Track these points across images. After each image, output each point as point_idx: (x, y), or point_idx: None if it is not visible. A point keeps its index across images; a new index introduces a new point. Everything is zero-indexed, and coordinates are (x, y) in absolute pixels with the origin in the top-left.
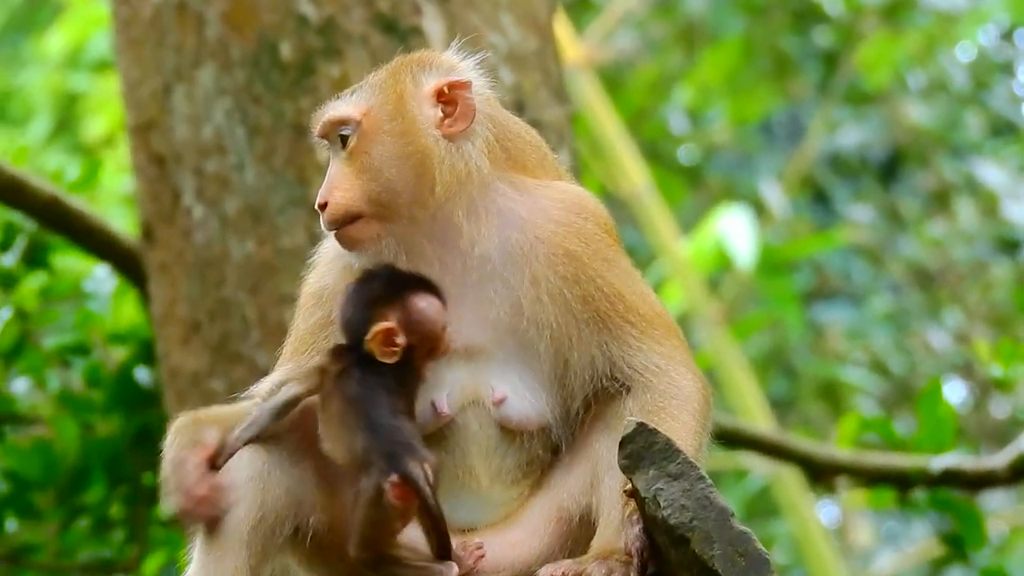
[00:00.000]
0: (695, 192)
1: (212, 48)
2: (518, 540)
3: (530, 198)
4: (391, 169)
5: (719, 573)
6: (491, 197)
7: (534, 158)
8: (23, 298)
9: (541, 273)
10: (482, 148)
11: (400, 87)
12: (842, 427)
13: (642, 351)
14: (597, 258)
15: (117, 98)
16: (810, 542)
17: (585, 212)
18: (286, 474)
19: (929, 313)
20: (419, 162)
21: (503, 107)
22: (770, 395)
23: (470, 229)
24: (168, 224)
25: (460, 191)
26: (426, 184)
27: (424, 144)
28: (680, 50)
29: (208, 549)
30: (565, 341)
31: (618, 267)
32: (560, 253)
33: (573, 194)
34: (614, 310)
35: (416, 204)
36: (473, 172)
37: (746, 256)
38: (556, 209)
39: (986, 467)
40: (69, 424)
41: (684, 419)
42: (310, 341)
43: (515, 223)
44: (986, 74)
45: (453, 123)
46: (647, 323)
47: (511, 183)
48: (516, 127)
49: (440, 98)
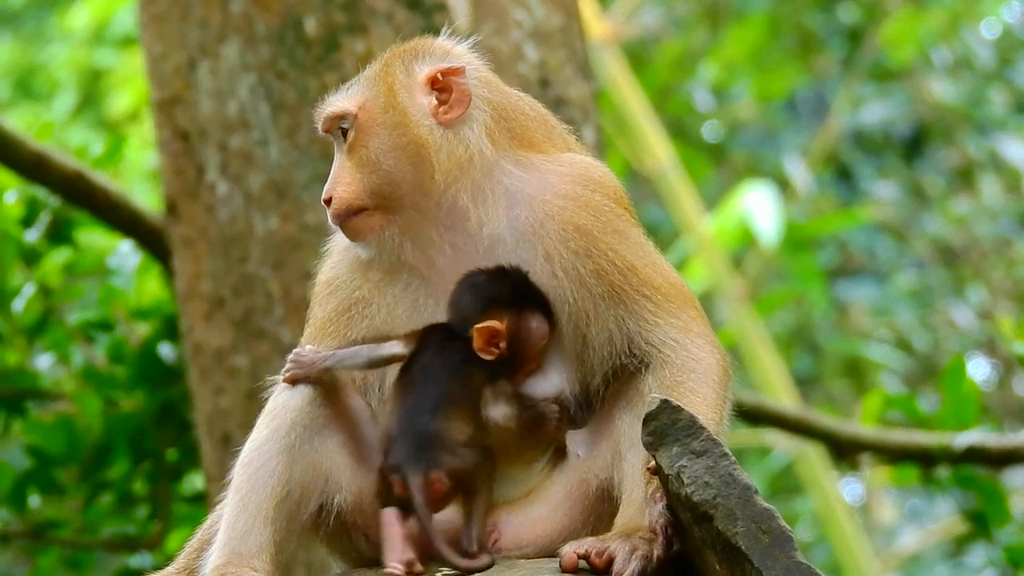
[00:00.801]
0: (719, 169)
1: (237, 23)
2: (540, 516)
3: (537, 174)
4: (388, 161)
5: (742, 550)
6: (496, 178)
7: (540, 133)
8: (47, 274)
9: (553, 249)
10: (481, 131)
11: (391, 79)
12: (866, 404)
13: (659, 325)
14: (608, 231)
15: (141, 74)
16: (834, 519)
17: (592, 184)
18: (314, 450)
19: (953, 290)
20: (415, 152)
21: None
22: (794, 372)
23: (477, 211)
24: (192, 200)
25: (462, 176)
26: (425, 173)
27: (418, 134)
28: (705, 27)
29: (233, 525)
30: (583, 317)
31: (629, 239)
32: (570, 228)
33: (581, 166)
34: (628, 283)
35: (418, 193)
36: (474, 156)
37: (770, 233)
38: (563, 183)
39: (1010, 444)
40: (92, 400)
41: (704, 392)
42: (328, 328)
43: (523, 201)
44: (1010, 51)
45: (449, 110)
46: (662, 295)
47: (516, 162)
48: (519, 103)
49: (434, 86)
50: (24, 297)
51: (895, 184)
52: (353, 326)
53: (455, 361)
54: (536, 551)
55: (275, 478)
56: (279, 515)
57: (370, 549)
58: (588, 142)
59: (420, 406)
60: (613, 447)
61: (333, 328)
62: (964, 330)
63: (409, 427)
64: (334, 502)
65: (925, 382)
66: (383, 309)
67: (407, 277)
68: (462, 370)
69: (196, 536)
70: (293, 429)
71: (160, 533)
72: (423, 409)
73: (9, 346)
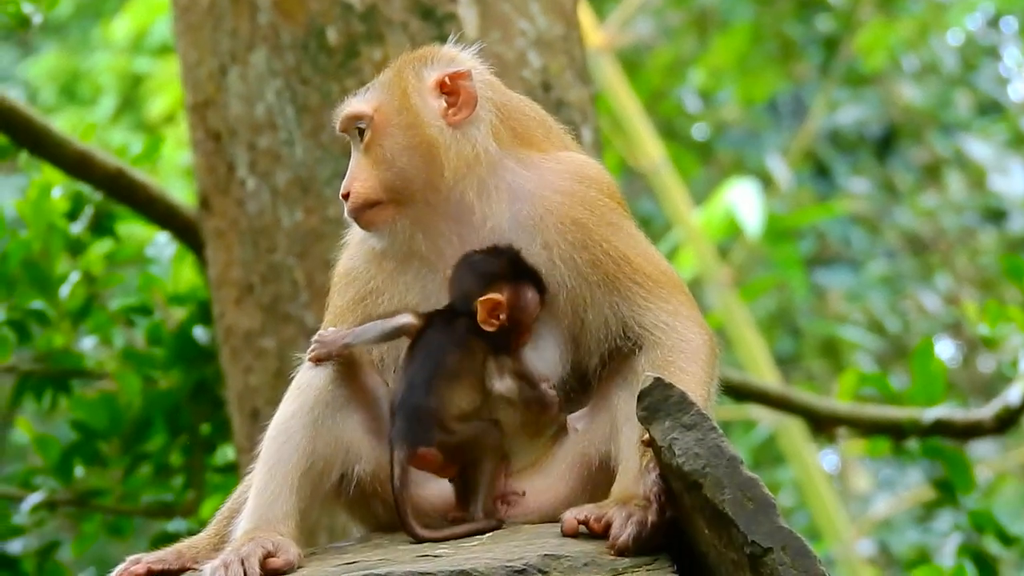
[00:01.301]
0: (707, 166)
1: (264, 33)
2: (546, 487)
3: (536, 172)
4: (402, 159)
5: (729, 516)
6: (500, 175)
7: (539, 133)
8: (90, 263)
9: (552, 240)
10: (487, 131)
11: (404, 83)
12: (842, 382)
13: (650, 310)
14: (602, 224)
15: (177, 79)
16: (812, 487)
17: (588, 180)
18: (337, 424)
19: (922, 277)
20: (427, 151)
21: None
22: (776, 352)
23: (482, 206)
24: (223, 195)
25: (469, 173)
26: (436, 170)
27: (429, 134)
28: (693, 35)
29: (261, 494)
30: (580, 302)
31: (622, 231)
32: (568, 222)
33: (577, 163)
34: (621, 272)
35: (429, 189)
36: (481, 154)
37: (754, 225)
38: (561, 180)
39: (974, 418)
40: (132, 378)
41: (693, 371)
42: (346, 316)
43: (524, 197)
44: (974, 57)
45: (457, 112)
46: (653, 282)
47: (518, 160)
48: (520, 105)
49: (443, 89)
50: (69, 284)
51: (868, 180)
52: (368, 314)
53: (458, 335)
54: (540, 518)
55: (300, 451)
56: (304, 485)
57: (387, 515)
58: (587, 141)
59: (418, 381)
60: (610, 421)
61: (351, 316)
62: (932, 314)
63: (406, 402)
64: (354, 472)
65: (896, 361)
66: (395, 297)
67: (417, 267)
68: (465, 343)
69: (226, 505)
70: (317, 406)
71: (195, 500)
72: (421, 383)
73: (56, 329)
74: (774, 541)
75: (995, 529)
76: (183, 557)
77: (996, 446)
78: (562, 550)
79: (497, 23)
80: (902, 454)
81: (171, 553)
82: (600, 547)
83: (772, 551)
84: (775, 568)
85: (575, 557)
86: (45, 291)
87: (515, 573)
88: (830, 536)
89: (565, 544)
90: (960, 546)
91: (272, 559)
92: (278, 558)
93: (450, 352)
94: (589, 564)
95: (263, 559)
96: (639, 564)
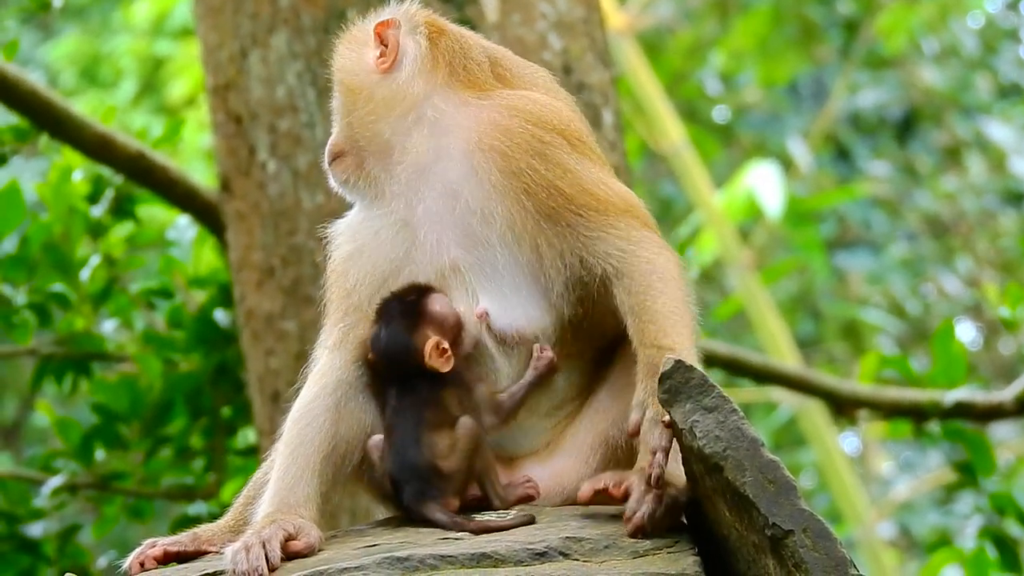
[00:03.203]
0: (728, 148)
1: (285, 15)
2: (565, 468)
3: (468, 108)
4: (347, 108)
5: (750, 498)
6: (423, 112)
7: (481, 75)
8: (111, 246)
9: (481, 168)
10: (411, 74)
11: (350, 38)
12: (863, 364)
13: (600, 238)
14: (529, 153)
15: (198, 62)
16: (833, 470)
17: (521, 113)
18: (359, 405)
19: (942, 260)
20: (363, 99)
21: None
22: (797, 335)
23: (400, 141)
24: (244, 177)
25: (389, 113)
26: (371, 116)
27: (361, 82)
28: (714, 18)
29: (282, 477)
30: (527, 236)
31: (552, 162)
32: (489, 150)
33: (515, 99)
34: (554, 202)
35: (370, 135)
36: (405, 96)
37: (775, 207)
38: (490, 114)
39: (995, 401)
40: (153, 361)
41: (672, 292)
42: (351, 302)
43: (450, 130)
44: (994, 40)
45: (384, 60)
46: (594, 211)
47: (448, 99)
48: (466, 51)
49: (380, 40)
50: (90, 267)
51: (889, 163)
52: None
53: (421, 392)
54: (563, 500)
55: (321, 434)
56: (325, 468)
57: None
58: (608, 124)
59: (405, 446)
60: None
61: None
62: (953, 296)
63: (404, 468)
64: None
65: (917, 344)
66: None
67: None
68: (431, 397)
69: (245, 490)
70: (339, 387)
71: (216, 483)
72: (409, 447)
73: (77, 312)
74: (795, 523)
75: (1016, 511)
76: (200, 540)
77: (1017, 428)
78: (583, 532)
79: (518, 5)
80: (923, 436)
81: (188, 536)
82: (621, 529)
83: (793, 533)
84: (796, 550)
85: (596, 540)
86: (66, 274)
87: (536, 556)
88: (851, 518)
89: (586, 527)
90: (981, 528)
91: (293, 542)
92: (299, 541)
93: (425, 409)
94: (610, 547)
95: (284, 542)
96: (660, 547)
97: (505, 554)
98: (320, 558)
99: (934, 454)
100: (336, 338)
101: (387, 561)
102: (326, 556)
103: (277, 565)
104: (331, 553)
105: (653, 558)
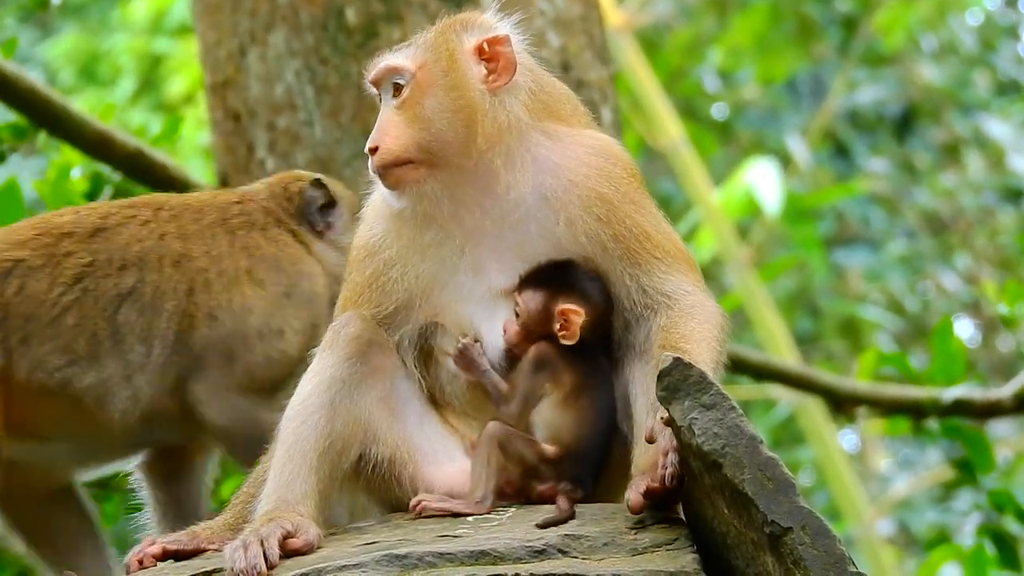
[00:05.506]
0: (726, 145)
1: (283, 13)
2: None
3: (562, 145)
4: (442, 120)
5: (749, 495)
6: (526, 146)
7: (567, 108)
8: None
9: (576, 214)
10: (523, 100)
11: (451, 45)
12: (862, 361)
13: (671, 279)
14: (626, 200)
15: (196, 60)
16: (832, 467)
17: (613, 158)
18: (355, 403)
19: (941, 257)
20: (468, 115)
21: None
22: (795, 332)
23: (507, 176)
24: (243, 175)
25: (500, 141)
26: (472, 135)
27: (472, 98)
28: (713, 15)
29: (280, 475)
30: (602, 274)
31: (644, 209)
32: (593, 196)
33: (603, 141)
34: (642, 247)
35: (462, 153)
36: (512, 123)
37: (773, 204)
38: (587, 155)
39: (993, 398)
40: None
41: (708, 328)
42: (364, 293)
43: (549, 169)
44: (992, 37)
45: (497, 78)
46: (672, 258)
47: (545, 132)
48: (549, 79)
49: (481, 55)
50: None
51: (887, 160)
52: (388, 291)
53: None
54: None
55: (318, 431)
56: (322, 465)
57: (405, 495)
58: (606, 121)
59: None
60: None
61: (369, 293)
62: (951, 293)
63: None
64: (372, 453)
65: (916, 341)
66: (410, 266)
67: (435, 233)
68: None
69: (243, 488)
70: (333, 384)
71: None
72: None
73: None
74: (794, 521)
75: (1015, 508)
76: (198, 538)
77: (1015, 426)
78: (582, 530)
79: (516, 2)
80: (922, 434)
81: (187, 534)
82: (620, 527)
83: (792, 531)
84: (795, 548)
85: (595, 537)
86: None
87: (535, 553)
88: (850, 516)
89: (585, 524)
90: (979, 526)
91: (292, 540)
92: (298, 539)
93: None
94: (609, 544)
95: (282, 540)
96: (659, 544)
97: (504, 552)
98: (319, 556)
99: (933, 451)
100: (328, 338)
101: (386, 559)
102: (325, 554)
103: (275, 563)
104: (330, 551)
105: (652, 555)
